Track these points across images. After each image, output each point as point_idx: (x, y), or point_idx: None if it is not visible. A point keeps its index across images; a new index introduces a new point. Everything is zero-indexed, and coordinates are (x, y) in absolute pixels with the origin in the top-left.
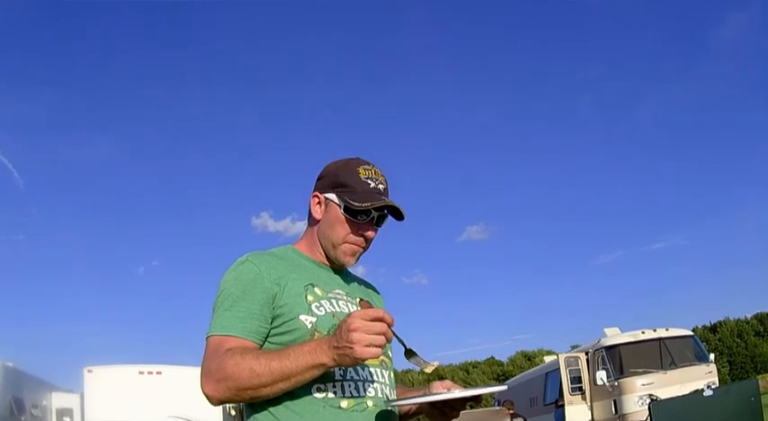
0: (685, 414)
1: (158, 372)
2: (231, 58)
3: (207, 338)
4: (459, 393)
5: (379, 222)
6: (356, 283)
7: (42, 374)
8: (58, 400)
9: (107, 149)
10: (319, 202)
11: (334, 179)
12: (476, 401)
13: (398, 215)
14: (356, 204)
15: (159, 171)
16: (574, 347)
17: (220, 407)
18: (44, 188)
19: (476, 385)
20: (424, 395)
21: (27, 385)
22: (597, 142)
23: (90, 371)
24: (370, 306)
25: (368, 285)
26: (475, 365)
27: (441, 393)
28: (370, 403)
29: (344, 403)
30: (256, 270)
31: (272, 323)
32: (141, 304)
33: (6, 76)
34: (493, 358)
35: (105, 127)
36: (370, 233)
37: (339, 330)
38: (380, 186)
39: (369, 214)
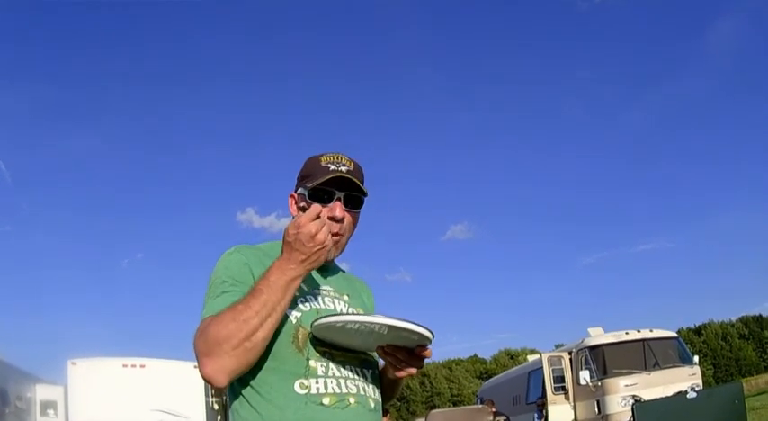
0: (669, 416)
1: (142, 366)
2: (219, 54)
3: (200, 322)
4: (393, 320)
5: (351, 203)
6: (344, 279)
7: (27, 366)
8: (42, 392)
9: (93, 143)
10: (295, 201)
11: (301, 173)
12: (422, 346)
13: (360, 189)
14: (310, 185)
15: (145, 165)
16: (558, 346)
17: (203, 402)
18: (31, 180)
19: (458, 381)
20: (351, 314)
21: (12, 377)
22: (584, 143)
23: (74, 363)
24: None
25: (355, 281)
26: (458, 363)
27: (362, 314)
28: (352, 400)
29: (327, 400)
30: (244, 259)
31: None
32: (125, 297)
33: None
34: (476, 356)
35: (92, 121)
36: (337, 213)
37: (298, 243)
38: (342, 168)
39: (331, 195)
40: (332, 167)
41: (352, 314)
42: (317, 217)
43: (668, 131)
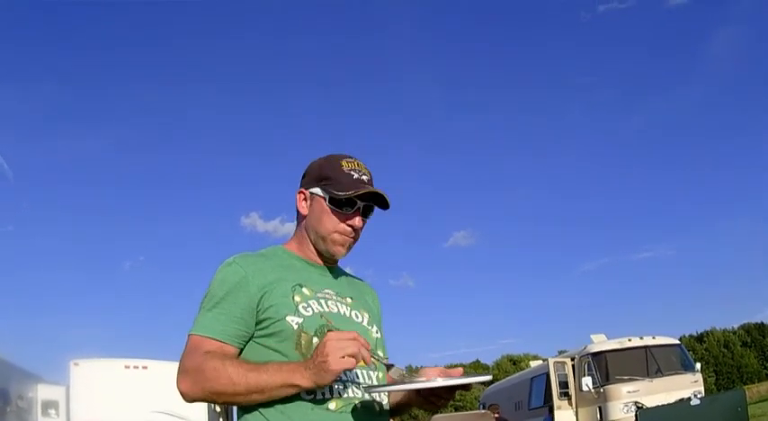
0: None
1: (144, 367)
2: (225, 59)
3: (188, 335)
4: (441, 381)
5: (365, 213)
6: (347, 282)
7: (29, 366)
8: (43, 392)
9: (98, 144)
10: (305, 198)
11: (318, 173)
12: (465, 389)
13: (384, 204)
14: (340, 194)
15: (149, 167)
16: (561, 352)
17: (205, 404)
18: (34, 180)
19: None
20: (405, 382)
21: (13, 376)
22: (586, 149)
23: (76, 364)
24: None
25: (360, 284)
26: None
27: (422, 381)
28: (358, 404)
29: (333, 404)
30: (242, 272)
31: (258, 325)
32: (128, 298)
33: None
34: (478, 361)
35: (96, 122)
36: (357, 222)
37: (315, 350)
38: (364, 177)
39: (354, 204)
40: (355, 176)
41: (408, 378)
42: (350, 337)
43: (669, 138)
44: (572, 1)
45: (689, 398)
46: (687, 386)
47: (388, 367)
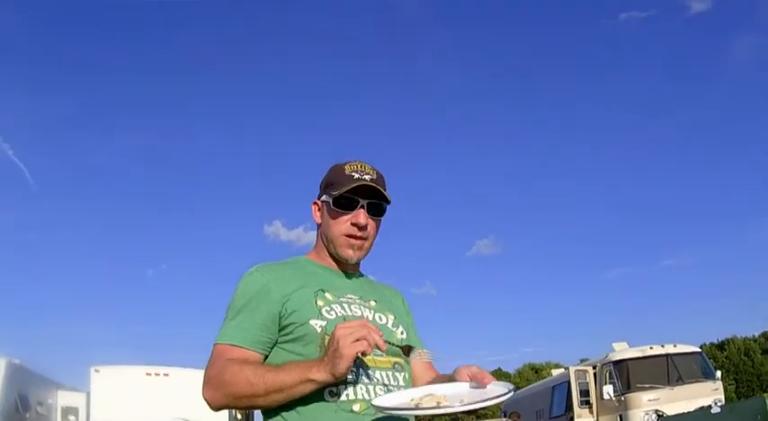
0: None
1: (165, 374)
2: (245, 69)
3: (213, 346)
4: (460, 407)
5: (372, 211)
6: (370, 286)
7: (49, 373)
8: (63, 399)
9: (120, 152)
10: (319, 208)
11: (326, 182)
12: None
13: (383, 197)
14: (335, 193)
15: (172, 175)
16: (582, 361)
17: (226, 412)
18: (56, 188)
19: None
20: (419, 408)
21: (33, 383)
22: (606, 158)
23: (97, 370)
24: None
25: (384, 288)
26: None
27: (436, 407)
28: None
29: (356, 406)
30: (263, 280)
31: (282, 331)
32: (149, 306)
33: (21, 81)
34: (500, 370)
35: (118, 130)
36: (361, 219)
37: (327, 344)
38: (366, 176)
39: (355, 202)
40: (356, 176)
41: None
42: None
43: (690, 147)
44: (593, 10)
45: (709, 406)
46: (707, 394)
47: (407, 350)
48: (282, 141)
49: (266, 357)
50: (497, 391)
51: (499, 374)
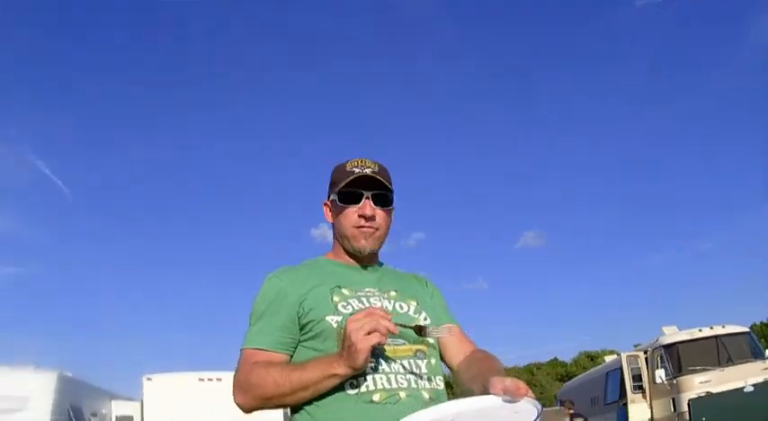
0: (725, 410)
1: (219, 379)
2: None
3: (239, 352)
4: None
5: (380, 202)
6: (390, 277)
7: (103, 384)
8: (117, 408)
9: (165, 158)
10: (330, 209)
11: (331, 181)
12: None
13: (383, 186)
14: (336, 188)
15: (218, 181)
16: (636, 346)
17: (281, 412)
18: (93, 199)
19: (540, 385)
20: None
21: (86, 394)
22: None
23: (149, 379)
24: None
25: (408, 277)
26: (538, 367)
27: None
28: (403, 394)
29: (377, 396)
30: (281, 284)
31: (302, 330)
32: (199, 312)
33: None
34: (556, 359)
35: (160, 135)
36: (367, 210)
37: (342, 339)
38: (367, 170)
39: (359, 194)
40: (357, 170)
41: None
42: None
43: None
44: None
45: (743, 386)
46: (757, 373)
47: (419, 330)
48: (318, 140)
49: (291, 357)
50: (526, 406)
51: (555, 364)
